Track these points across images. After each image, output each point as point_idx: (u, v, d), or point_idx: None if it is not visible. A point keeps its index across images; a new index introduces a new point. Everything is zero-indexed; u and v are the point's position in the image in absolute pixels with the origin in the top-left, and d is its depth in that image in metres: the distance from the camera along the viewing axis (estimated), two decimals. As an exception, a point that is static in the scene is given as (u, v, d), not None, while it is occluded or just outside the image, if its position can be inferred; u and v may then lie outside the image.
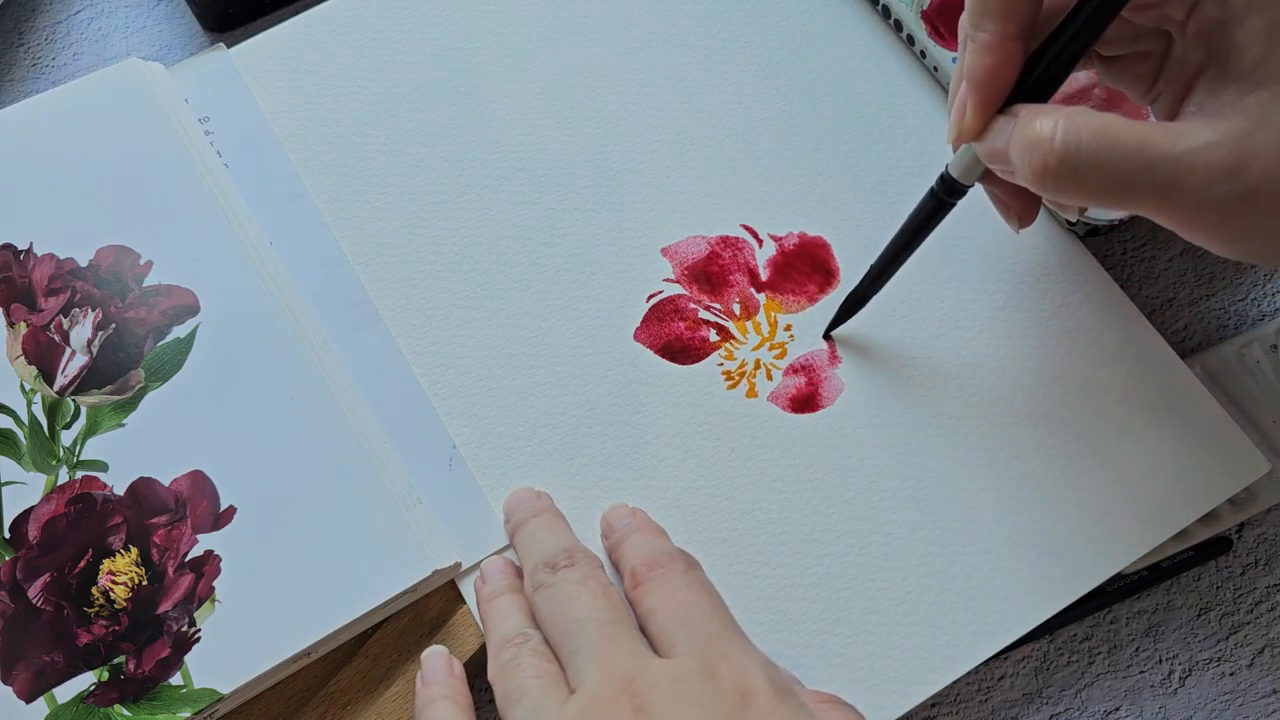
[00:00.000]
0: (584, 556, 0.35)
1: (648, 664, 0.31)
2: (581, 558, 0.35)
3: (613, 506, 0.38)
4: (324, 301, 0.41)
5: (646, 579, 0.34)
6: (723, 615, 0.33)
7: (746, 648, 0.32)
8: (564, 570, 0.34)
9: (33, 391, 0.38)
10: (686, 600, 0.33)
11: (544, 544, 0.36)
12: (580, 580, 0.34)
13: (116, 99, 0.43)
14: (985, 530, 0.39)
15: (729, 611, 0.34)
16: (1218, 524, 0.41)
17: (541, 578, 0.35)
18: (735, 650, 0.32)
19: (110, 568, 0.36)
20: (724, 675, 0.31)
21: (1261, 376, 0.43)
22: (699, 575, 0.35)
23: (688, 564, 0.35)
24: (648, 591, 0.34)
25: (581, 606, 0.33)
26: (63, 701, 0.34)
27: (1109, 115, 0.30)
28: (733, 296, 0.42)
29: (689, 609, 0.33)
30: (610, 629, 0.32)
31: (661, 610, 0.33)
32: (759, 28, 0.47)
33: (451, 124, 0.44)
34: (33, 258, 0.40)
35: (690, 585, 0.34)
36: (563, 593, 0.34)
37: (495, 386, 0.40)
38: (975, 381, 0.41)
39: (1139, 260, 0.45)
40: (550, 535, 0.36)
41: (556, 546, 0.36)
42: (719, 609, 0.34)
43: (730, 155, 0.44)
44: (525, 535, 0.37)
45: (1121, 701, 0.40)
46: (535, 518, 0.37)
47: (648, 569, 0.35)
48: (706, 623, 0.33)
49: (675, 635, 0.32)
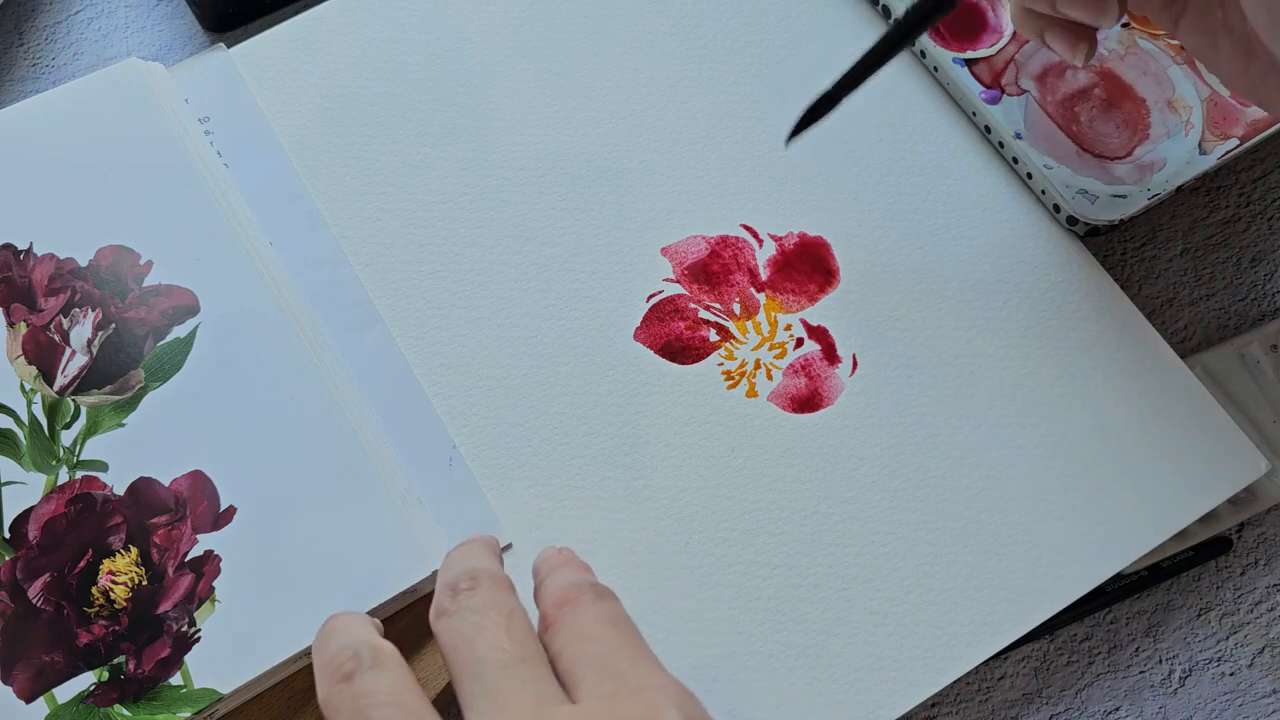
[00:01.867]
0: (489, 579, 0.32)
1: (551, 713, 0.28)
2: (485, 580, 0.32)
3: (543, 550, 0.35)
4: (324, 301, 0.41)
5: (555, 619, 0.32)
6: (631, 647, 0.31)
7: (660, 682, 0.30)
8: (465, 595, 0.31)
9: (33, 391, 0.38)
10: (594, 634, 0.31)
11: (451, 566, 0.33)
12: (480, 609, 0.31)
13: (116, 99, 0.43)
14: (985, 530, 0.39)
15: (642, 640, 0.31)
16: (1218, 524, 0.41)
17: (443, 603, 0.31)
18: (646, 686, 0.29)
19: (110, 568, 0.36)
20: (632, 716, 0.28)
21: (1261, 376, 0.43)
22: (609, 605, 0.32)
23: (596, 595, 0.32)
24: (556, 633, 0.31)
25: (483, 644, 0.30)
26: (63, 701, 0.34)
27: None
28: (733, 296, 0.42)
29: (595, 644, 0.31)
30: (512, 669, 0.29)
31: (569, 650, 0.31)
32: (759, 28, 0.47)
33: (451, 124, 0.44)
34: (33, 258, 0.40)
35: (599, 619, 0.31)
36: (464, 623, 0.30)
37: (495, 386, 0.40)
38: (975, 381, 0.41)
39: (1139, 260, 0.45)
40: (460, 557, 0.33)
41: (461, 568, 0.32)
42: (628, 641, 0.31)
43: (730, 155, 0.44)
44: (443, 562, 0.34)
45: (1121, 701, 0.40)
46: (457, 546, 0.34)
47: (556, 608, 0.32)
48: (615, 658, 0.30)
49: (582, 674, 0.30)
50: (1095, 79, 0.45)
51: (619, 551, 0.38)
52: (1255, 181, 0.47)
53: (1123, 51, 0.45)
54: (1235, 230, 0.46)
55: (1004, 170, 0.44)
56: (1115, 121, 0.44)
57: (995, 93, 0.44)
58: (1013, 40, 0.45)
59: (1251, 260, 0.46)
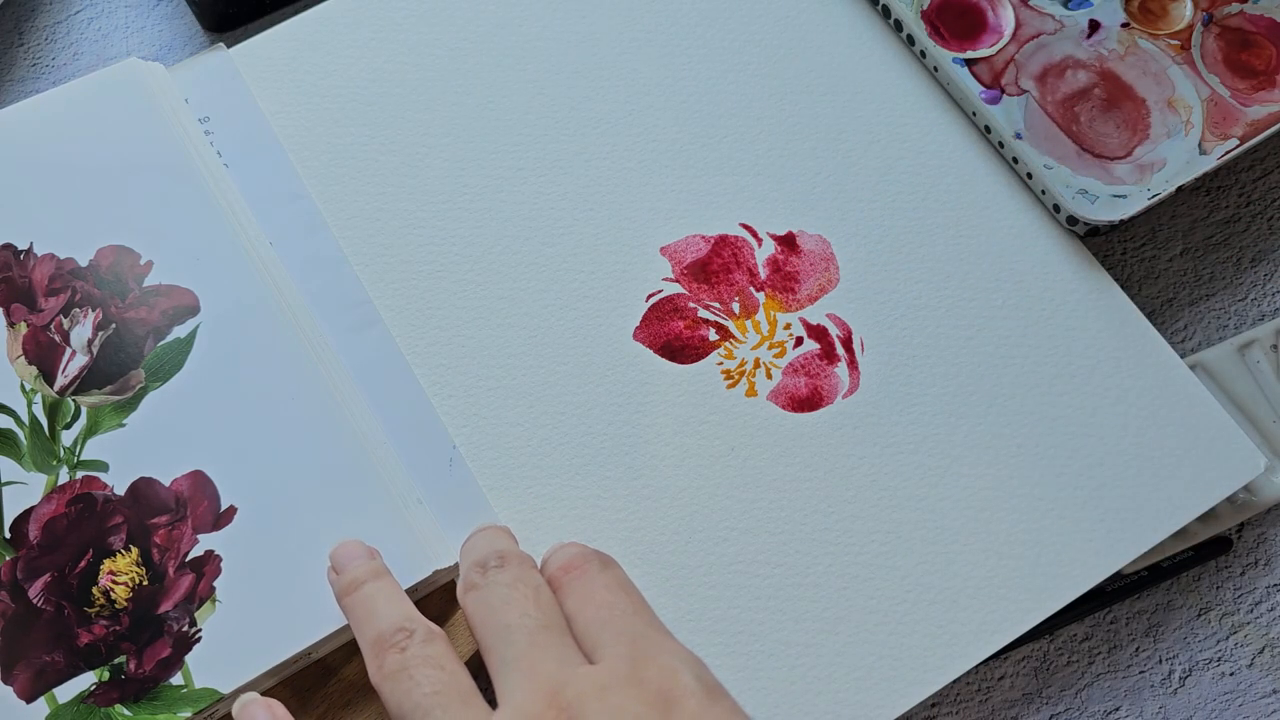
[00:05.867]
0: (516, 558, 0.34)
1: (575, 672, 0.30)
2: (513, 559, 0.34)
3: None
4: (324, 301, 0.41)
5: (563, 583, 0.34)
6: (644, 613, 0.33)
7: (673, 647, 0.32)
8: (494, 571, 0.34)
9: (33, 391, 0.38)
10: (605, 601, 0.33)
11: (478, 547, 0.35)
12: (509, 583, 0.33)
13: (116, 99, 0.43)
14: (985, 530, 0.39)
15: (651, 609, 0.33)
16: (1218, 524, 0.41)
17: (472, 578, 0.34)
18: (661, 650, 0.31)
19: (111, 568, 0.36)
20: (651, 679, 0.30)
21: (1261, 376, 0.43)
22: (616, 573, 0.34)
23: (603, 563, 0.34)
24: (566, 595, 0.33)
25: (511, 611, 0.32)
26: (63, 701, 0.34)
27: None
28: (732, 295, 0.42)
29: (609, 609, 0.32)
30: (540, 635, 0.32)
31: (582, 613, 0.33)
32: (758, 27, 0.47)
33: (451, 124, 0.44)
34: (33, 258, 0.40)
35: (608, 585, 0.33)
36: (493, 595, 0.33)
37: (495, 386, 0.40)
38: (975, 381, 0.41)
39: (1139, 260, 0.45)
40: (485, 541, 0.36)
41: (489, 549, 0.35)
42: (640, 607, 0.33)
43: (730, 155, 0.44)
44: (465, 546, 0.37)
45: (1121, 701, 0.40)
46: (479, 531, 0.37)
47: (563, 573, 0.34)
48: (629, 622, 0.32)
49: (599, 637, 0.32)
50: (1095, 79, 0.45)
51: (619, 551, 0.38)
52: (1255, 181, 0.47)
53: (1123, 51, 0.45)
54: (1235, 230, 0.46)
55: (1004, 170, 0.44)
56: (1115, 121, 0.44)
57: (995, 93, 0.44)
58: (1013, 40, 0.45)
59: (1251, 260, 0.46)
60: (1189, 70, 0.45)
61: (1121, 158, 0.43)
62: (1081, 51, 0.45)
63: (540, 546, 0.38)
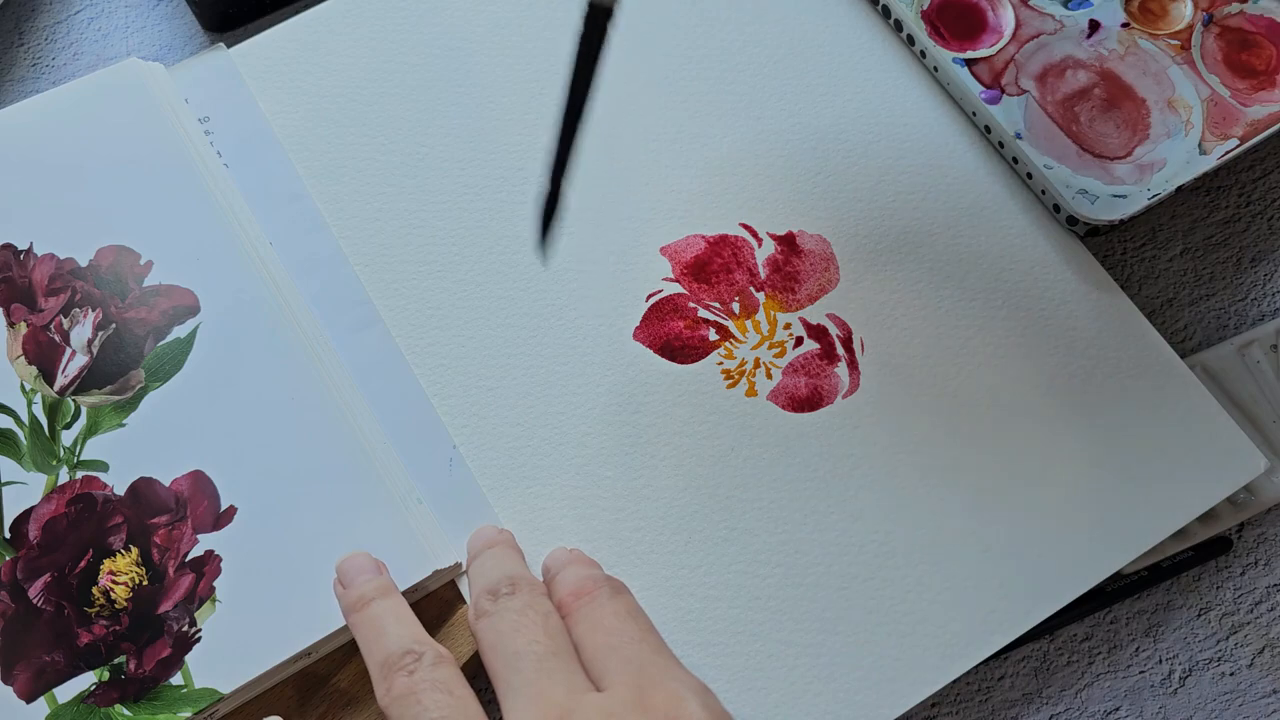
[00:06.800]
0: (527, 584, 0.35)
1: (581, 699, 0.31)
2: (524, 585, 0.34)
3: (552, 550, 0.38)
4: (324, 301, 0.41)
5: (572, 609, 0.34)
6: (652, 641, 0.33)
7: (681, 675, 0.32)
8: (505, 598, 0.34)
9: (33, 391, 0.38)
10: (613, 628, 0.33)
11: (489, 572, 0.35)
12: (520, 610, 0.33)
13: (116, 99, 0.43)
14: (985, 530, 0.39)
15: (659, 636, 0.33)
16: (1218, 524, 0.41)
17: (484, 605, 0.34)
18: (668, 678, 0.31)
19: (111, 568, 0.36)
20: (657, 706, 0.30)
21: (1261, 376, 0.43)
22: (626, 600, 0.34)
23: (614, 589, 0.34)
24: (575, 622, 0.33)
25: (521, 638, 0.32)
26: (63, 701, 0.34)
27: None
28: (732, 295, 0.42)
29: (617, 637, 0.33)
30: (548, 662, 0.32)
31: (590, 640, 0.33)
32: (758, 27, 0.47)
33: (451, 124, 0.44)
34: (33, 258, 0.40)
35: (617, 613, 0.33)
36: (504, 622, 0.33)
37: (495, 386, 0.40)
38: (975, 381, 0.41)
39: (1139, 260, 0.45)
40: (496, 564, 0.36)
41: (500, 574, 0.35)
42: (648, 634, 0.33)
43: (729, 155, 0.44)
44: (475, 566, 0.36)
45: (1121, 701, 0.40)
46: (488, 549, 0.37)
47: (573, 599, 0.34)
48: (636, 650, 0.32)
49: (605, 664, 0.32)
50: (1095, 79, 0.45)
51: (619, 551, 0.38)
52: (1255, 181, 0.47)
53: (1123, 51, 0.45)
54: (1235, 230, 0.46)
55: (1004, 170, 0.44)
56: (1115, 121, 0.44)
57: (995, 93, 0.44)
58: (1013, 40, 0.45)
59: (1251, 260, 0.46)
60: (1189, 70, 0.45)
61: (1121, 158, 0.43)
62: (1082, 51, 0.45)
63: (540, 546, 0.38)
